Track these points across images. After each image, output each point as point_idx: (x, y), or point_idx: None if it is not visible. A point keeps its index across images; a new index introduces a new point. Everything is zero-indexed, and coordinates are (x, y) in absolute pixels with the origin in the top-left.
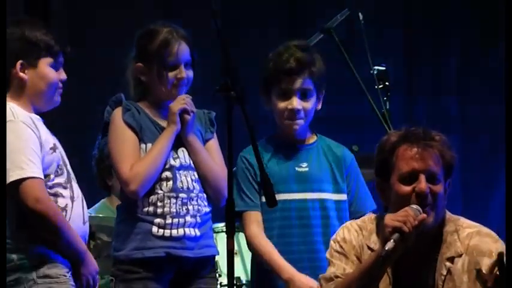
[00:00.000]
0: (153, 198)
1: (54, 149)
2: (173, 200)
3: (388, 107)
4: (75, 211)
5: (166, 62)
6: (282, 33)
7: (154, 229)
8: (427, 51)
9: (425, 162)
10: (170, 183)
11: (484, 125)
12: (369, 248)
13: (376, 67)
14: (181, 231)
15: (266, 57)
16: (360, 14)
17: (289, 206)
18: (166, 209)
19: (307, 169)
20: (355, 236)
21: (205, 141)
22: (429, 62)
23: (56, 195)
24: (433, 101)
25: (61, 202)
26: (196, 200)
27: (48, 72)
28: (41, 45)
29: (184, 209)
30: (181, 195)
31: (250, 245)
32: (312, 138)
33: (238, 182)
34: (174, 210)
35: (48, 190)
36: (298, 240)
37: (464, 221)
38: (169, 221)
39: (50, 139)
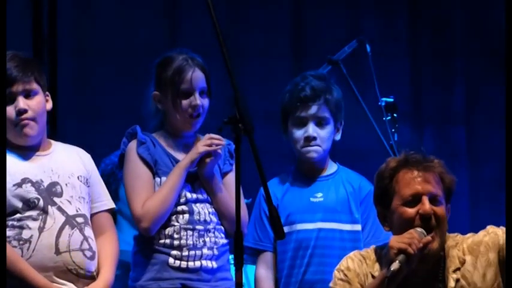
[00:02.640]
0: (169, 230)
1: (20, 184)
2: (190, 232)
3: (396, 139)
4: (43, 241)
5: (179, 89)
6: (287, 63)
7: (171, 260)
8: (433, 81)
9: (428, 184)
10: (186, 215)
11: (492, 154)
12: (373, 276)
13: (384, 99)
14: (198, 263)
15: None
16: (367, 46)
17: (303, 236)
18: (183, 241)
19: (321, 199)
20: (359, 265)
21: (223, 174)
22: (436, 92)
23: (21, 227)
24: (441, 131)
25: (25, 234)
26: (214, 232)
27: None
28: None
29: (201, 241)
30: (198, 227)
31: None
32: (332, 169)
33: (252, 218)
34: (191, 243)
35: (14, 223)
36: (310, 270)
37: (461, 235)
38: (185, 253)
39: (18, 174)
